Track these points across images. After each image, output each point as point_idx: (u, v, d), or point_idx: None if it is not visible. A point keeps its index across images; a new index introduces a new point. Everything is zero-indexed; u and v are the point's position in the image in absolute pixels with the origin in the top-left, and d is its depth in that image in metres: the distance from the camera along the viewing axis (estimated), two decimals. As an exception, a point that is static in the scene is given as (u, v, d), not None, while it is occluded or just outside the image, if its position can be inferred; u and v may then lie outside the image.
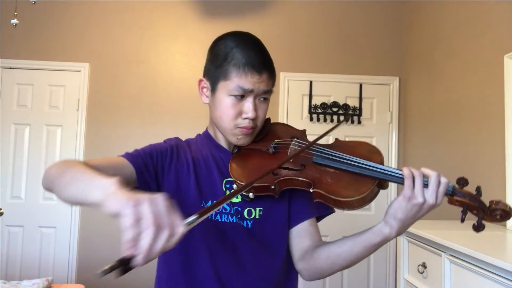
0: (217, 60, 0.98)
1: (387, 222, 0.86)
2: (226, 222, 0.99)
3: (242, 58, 0.96)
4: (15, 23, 2.45)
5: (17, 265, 3.24)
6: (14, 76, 3.35)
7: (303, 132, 1.09)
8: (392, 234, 0.86)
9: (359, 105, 3.36)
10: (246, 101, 0.97)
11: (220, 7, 3.42)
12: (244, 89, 0.95)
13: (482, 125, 2.29)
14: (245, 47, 0.97)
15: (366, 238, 0.89)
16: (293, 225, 1.04)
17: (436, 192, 0.82)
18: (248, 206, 1.00)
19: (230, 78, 0.96)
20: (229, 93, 0.97)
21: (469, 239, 1.64)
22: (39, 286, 2.36)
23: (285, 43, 3.42)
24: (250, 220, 1.00)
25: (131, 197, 0.60)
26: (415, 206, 0.82)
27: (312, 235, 1.03)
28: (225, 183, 1.02)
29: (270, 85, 1.00)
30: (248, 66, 0.95)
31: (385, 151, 3.37)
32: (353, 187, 0.86)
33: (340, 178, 0.90)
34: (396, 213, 0.84)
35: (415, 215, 0.83)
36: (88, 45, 3.38)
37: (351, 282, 3.28)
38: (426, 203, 0.82)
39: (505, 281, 1.28)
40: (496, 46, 2.18)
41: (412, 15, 3.31)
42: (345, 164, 0.90)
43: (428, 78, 2.98)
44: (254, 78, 0.95)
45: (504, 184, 2.04)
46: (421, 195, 0.81)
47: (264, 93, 0.99)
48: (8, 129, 3.31)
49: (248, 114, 0.97)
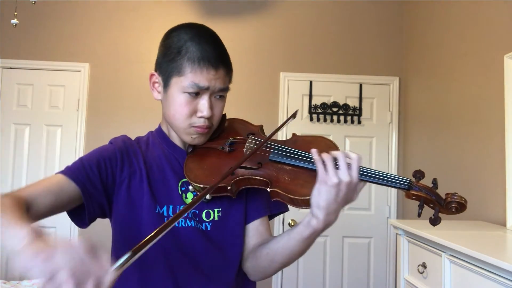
0: (170, 53, 0.90)
1: (313, 213, 0.82)
2: (184, 227, 0.92)
3: (197, 52, 0.88)
4: (15, 23, 2.45)
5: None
6: (14, 76, 3.35)
7: (260, 128, 1.04)
8: (320, 224, 0.82)
9: (359, 105, 3.36)
10: (201, 99, 0.91)
11: (220, 7, 3.42)
12: (199, 86, 0.88)
13: (482, 125, 2.29)
14: (200, 40, 0.89)
15: (298, 231, 0.85)
16: (247, 223, 1.00)
17: (347, 169, 0.79)
18: (206, 208, 0.95)
19: (184, 73, 0.88)
20: (182, 90, 0.89)
21: (469, 239, 1.64)
22: (39, 286, 2.36)
23: (285, 43, 3.42)
24: (209, 222, 0.94)
25: (40, 250, 0.52)
26: (332, 188, 0.78)
27: (261, 234, 0.99)
28: (180, 185, 0.96)
29: (227, 82, 0.94)
30: (204, 61, 0.87)
31: (385, 151, 3.37)
32: (310, 185, 0.83)
33: (297, 175, 0.88)
34: (318, 201, 0.80)
35: (336, 198, 0.79)
36: (88, 45, 3.38)
37: (351, 282, 3.28)
38: (342, 182, 0.79)
39: (505, 281, 1.28)
40: (496, 46, 2.18)
41: (412, 15, 3.31)
42: (301, 161, 0.87)
43: (428, 78, 2.98)
44: (210, 74, 0.89)
45: (504, 183, 2.04)
46: (334, 175, 0.78)
47: (220, 91, 0.93)
48: (8, 129, 3.31)
49: (203, 113, 0.90)
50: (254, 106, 3.38)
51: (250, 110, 3.35)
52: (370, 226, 3.29)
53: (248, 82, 3.38)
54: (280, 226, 3.28)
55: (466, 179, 2.42)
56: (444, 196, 0.82)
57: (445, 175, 2.65)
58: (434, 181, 0.85)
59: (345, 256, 3.29)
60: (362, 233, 3.29)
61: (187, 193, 0.96)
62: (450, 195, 0.82)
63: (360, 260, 3.29)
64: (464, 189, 2.43)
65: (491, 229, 1.95)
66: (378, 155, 3.36)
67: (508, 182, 2.00)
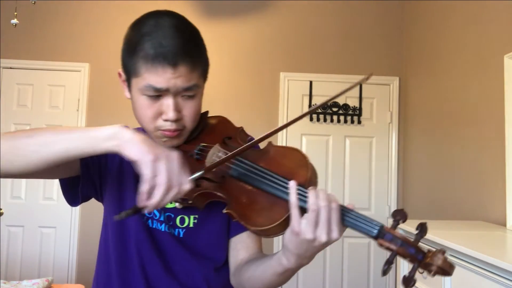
0: (128, 50, 0.81)
1: (284, 253, 0.72)
2: (156, 229, 0.89)
3: (150, 49, 0.76)
4: (15, 23, 2.45)
5: (17, 265, 3.24)
6: (14, 76, 3.35)
7: (239, 131, 0.91)
8: (291, 266, 0.72)
9: (359, 105, 3.36)
10: (164, 100, 0.80)
11: (220, 7, 3.42)
12: (155, 88, 0.77)
13: (482, 125, 2.29)
14: (157, 35, 0.77)
15: (271, 266, 0.77)
16: (233, 234, 0.92)
17: (327, 228, 0.65)
18: (181, 214, 0.89)
19: (140, 74, 0.79)
20: (141, 92, 0.80)
21: (469, 239, 1.64)
22: (39, 286, 2.36)
23: (285, 43, 3.42)
24: (183, 228, 0.89)
25: (150, 149, 0.66)
26: (305, 242, 0.66)
27: (248, 248, 0.91)
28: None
29: (194, 78, 0.80)
30: (158, 59, 0.76)
31: (385, 151, 3.37)
32: (266, 213, 0.72)
33: (255, 199, 0.75)
34: (289, 246, 0.70)
35: (309, 248, 0.68)
36: (88, 45, 3.38)
37: (351, 282, 3.28)
38: (317, 240, 0.66)
39: (505, 281, 1.28)
40: (496, 46, 2.18)
41: (412, 15, 3.31)
42: (261, 182, 0.74)
43: (428, 78, 2.98)
44: (168, 73, 0.76)
45: (504, 183, 2.04)
46: (310, 232, 0.65)
47: (185, 90, 0.80)
48: (8, 129, 3.31)
49: (168, 115, 0.79)
50: (254, 106, 3.38)
51: (250, 110, 3.35)
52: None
53: (248, 82, 3.38)
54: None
55: (466, 179, 2.42)
56: (425, 251, 0.66)
57: (445, 175, 2.65)
58: (421, 226, 0.65)
59: (345, 256, 3.29)
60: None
61: None
62: (432, 254, 0.64)
63: (360, 260, 3.29)
64: (464, 189, 2.43)
65: (491, 229, 1.94)
66: (378, 155, 3.36)
67: (508, 182, 2.00)
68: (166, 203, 0.68)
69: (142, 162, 0.66)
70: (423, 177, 2.99)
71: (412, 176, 3.18)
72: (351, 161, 3.35)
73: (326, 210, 0.65)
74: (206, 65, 0.86)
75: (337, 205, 0.67)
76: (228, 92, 3.37)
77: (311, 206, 0.66)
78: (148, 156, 0.66)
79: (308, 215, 0.66)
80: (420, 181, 3.02)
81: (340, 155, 3.35)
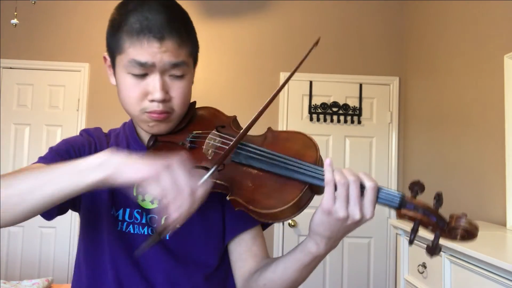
0: (112, 28, 0.78)
1: (312, 238, 0.70)
2: (138, 234, 0.80)
3: (136, 22, 0.73)
4: (15, 23, 2.45)
5: (17, 265, 3.24)
6: (14, 76, 3.35)
7: (232, 119, 0.87)
8: (321, 251, 0.70)
9: (359, 105, 3.36)
10: (150, 79, 0.76)
11: (220, 7, 3.42)
12: (140, 63, 0.73)
13: (482, 125, 2.29)
14: (142, 9, 0.74)
15: (297, 259, 0.73)
16: (230, 237, 0.85)
17: (360, 204, 0.64)
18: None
19: (123, 50, 0.75)
20: (126, 70, 0.76)
21: (469, 239, 1.64)
22: (39, 286, 2.36)
23: (285, 43, 3.42)
24: None
25: (148, 166, 0.58)
26: (338, 221, 0.64)
27: (255, 255, 0.85)
28: (137, 186, 0.88)
29: (182, 55, 0.76)
30: (143, 32, 0.72)
31: (385, 151, 3.37)
32: (277, 195, 0.69)
33: (262, 182, 0.72)
34: (319, 229, 0.67)
35: (340, 229, 0.66)
36: (88, 45, 3.38)
37: (351, 282, 3.28)
38: (350, 218, 0.64)
39: (505, 281, 1.28)
40: (496, 46, 2.18)
41: (412, 15, 3.31)
42: (269, 164, 0.72)
43: (428, 78, 2.98)
44: (153, 47, 0.72)
45: (504, 183, 2.04)
46: (343, 209, 0.63)
47: (173, 67, 0.75)
48: (8, 129, 3.31)
49: (154, 95, 0.75)
50: (254, 106, 3.37)
51: (250, 110, 3.33)
52: (370, 226, 3.28)
53: (248, 82, 3.38)
54: (279, 228, 3.28)
55: (466, 179, 2.42)
56: (448, 218, 0.64)
57: (445, 175, 2.65)
58: (438, 196, 0.65)
59: (345, 256, 3.29)
60: (362, 233, 3.28)
61: (145, 195, 0.83)
62: (455, 218, 0.63)
63: (360, 260, 3.29)
64: (464, 189, 2.43)
65: (491, 229, 1.94)
66: (378, 155, 3.36)
67: (508, 182, 2.00)
68: (187, 216, 0.60)
69: (144, 183, 0.58)
70: (423, 177, 2.98)
71: (412, 176, 3.18)
72: (351, 161, 3.35)
73: (355, 185, 0.64)
74: (195, 47, 0.82)
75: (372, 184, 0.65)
76: (228, 92, 3.36)
77: (341, 180, 0.63)
78: (148, 174, 0.58)
79: (339, 191, 0.63)
80: (420, 181, 3.02)
81: (340, 155, 3.35)
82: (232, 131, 0.83)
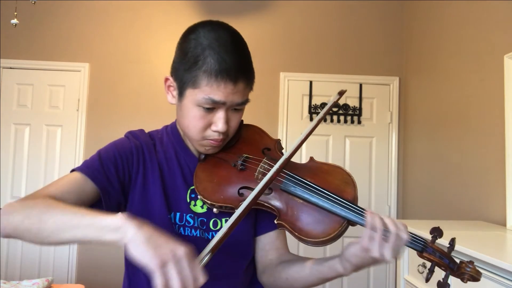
0: (187, 61, 0.83)
1: (342, 263, 0.80)
2: (189, 236, 0.89)
3: (215, 63, 0.80)
4: (15, 23, 2.45)
5: (17, 265, 3.24)
6: (14, 76, 3.35)
7: (277, 142, 0.97)
8: (346, 274, 0.81)
9: (359, 105, 3.36)
10: (216, 113, 0.85)
11: (220, 7, 3.42)
12: (214, 101, 0.82)
13: (482, 125, 2.29)
14: (219, 49, 0.81)
15: (322, 271, 0.83)
16: (259, 233, 0.97)
17: (394, 250, 0.74)
18: (214, 217, 0.92)
19: (199, 86, 0.82)
20: (197, 103, 0.84)
21: (469, 239, 1.64)
22: (39, 286, 2.36)
23: (285, 43, 3.42)
24: (216, 231, 0.91)
25: (155, 252, 0.62)
26: (370, 258, 0.75)
27: (277, 248, 0.96)
28: (190, 193, 0.92)
29: (246, 94, 0.88)
30: (222, 75, 0.80)
31: (385, 151, 3.37)
32: (320, 226, 0.80)
33: (307, 212, 0.82)
34: (351, 259, 0.78)
35: (370, 263, 0.77)
36: (88, 45, 3.38)
37: (351, 282, 3.28)
38: (381, 258, 0.74)
39: (505, 281, 1.28)
40: (496, 46, 2.18)
41: (412, 15, 3.31)
42: (315, 197, 0.81)
43: (428, 78, 2.98)
44: (228, 88, 0.82)
45: (504, 183, 2.04)
46: (378, 250, 0.74)
47: (238, 105, 0.87)
48: (8, 129, 3.31)
49: (219, 127, 0.85)
50: (254, 106, 3.36)
51: (250, 110, 3.32)
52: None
53: (248, 82, 3.38)
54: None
55: (466, 179, 2.42)
56: (458, 262, 0.78)
57: (445, 175, 2.65)
58: (452, 242, 0.79)
59: (345, 256, 3.29)
60: (362, 233, 3.28)
61: (196, 201, 0.92)
62: (464, 265, 0.77)
63: (360, 260, 3.29)
64: (464, 188, 2.43)
65: (491, 229, 1.94)
66: (378, 155, 3.37)
67: (508, 182, 2.00)
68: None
69: (149, 269, 0.62)
70: (423, 177, 2.99)
71: (412, 176, 3.18)
72: (351, 161, 3.35)
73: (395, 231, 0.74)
74: (253, 82, 0.93)
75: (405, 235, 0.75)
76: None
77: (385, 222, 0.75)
78: (154, 262, 0.61)
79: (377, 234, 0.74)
80: (420, 181, 3.02)
81: (340, 155, 3.35)
82: (277, 155, 0.93)
